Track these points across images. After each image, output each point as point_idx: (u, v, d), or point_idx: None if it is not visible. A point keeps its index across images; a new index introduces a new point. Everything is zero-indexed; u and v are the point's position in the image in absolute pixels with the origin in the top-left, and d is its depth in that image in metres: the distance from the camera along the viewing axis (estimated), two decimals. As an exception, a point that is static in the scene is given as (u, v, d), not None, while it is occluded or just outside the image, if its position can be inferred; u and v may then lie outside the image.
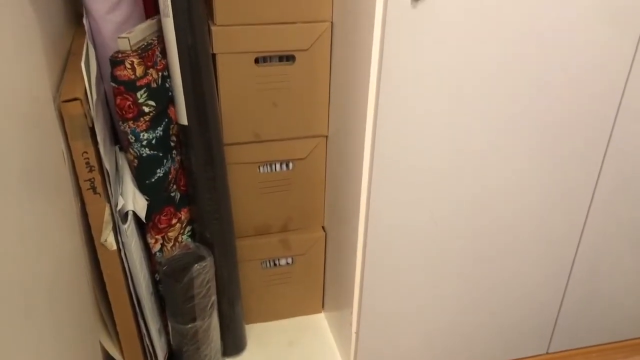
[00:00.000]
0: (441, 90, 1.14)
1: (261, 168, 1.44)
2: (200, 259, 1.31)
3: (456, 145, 1.20)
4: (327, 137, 1.45)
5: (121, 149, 1.30)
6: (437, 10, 1.06)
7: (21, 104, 0.78)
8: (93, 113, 1.05)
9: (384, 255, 1.28)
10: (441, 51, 1.10)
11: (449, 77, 1.13)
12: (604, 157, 1.30)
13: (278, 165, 1.45)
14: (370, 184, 1.21)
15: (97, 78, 1.15)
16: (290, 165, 1.46)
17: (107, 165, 1.11)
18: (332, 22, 1.31)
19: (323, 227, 1.55)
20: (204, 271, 1.30)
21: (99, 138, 1.08)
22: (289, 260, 1.55)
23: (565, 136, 1.25)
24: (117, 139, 1.32)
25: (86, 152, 1.05)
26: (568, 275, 1.44)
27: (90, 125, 1.05)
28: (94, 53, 1.17)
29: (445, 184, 1.24)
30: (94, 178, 1.08)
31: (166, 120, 1.26)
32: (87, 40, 1.15)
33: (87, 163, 1.06)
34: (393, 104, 1.13)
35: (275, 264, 1.55)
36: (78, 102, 1.01)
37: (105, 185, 1.12)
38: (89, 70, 1.08)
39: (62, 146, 1.03)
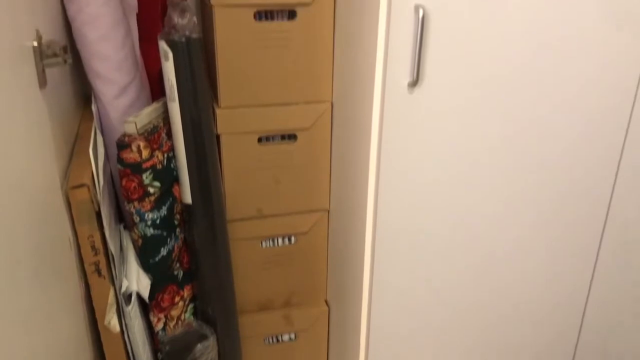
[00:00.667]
0: (440, 166, 1.17)
1: (264, 243, 1.45)
2: (203, 338, 1.30)
3: (457, 217, 1.22)
4: (328, 211, 1.47)
5: (125, 227, 1.31)
6: (433, 95, 1.10)
7: (30, 191, 0.80)
8: (100, 198, 1.07)
9: (389, 331, 1.27)
10: (438, 131, 1.13)
11: (448, 155, 1.16)
12: (605, 222, 1.31)
13: (280, 240, 1.47)
14: (374, 258, 1.22)
15: (104, 160, 1.18)
16: (293, 239, 1.47)
17: (112, 247, 1.12)
18: (332, 103, 1.36)
19: (326, 301, 1.55)
20: (207, 351, 1.29)
21: (104, 222, 1.09)
22: (292, 336, 1.54)
23: (565, 205, 1.27)
24: (122, 217, 1.33)
25: (92, 236, 1.07)
26: (576, 340, 1.42)
27: (97, 209, 1.07)
28: (101, 140, 1.21)
29: (447, 253, 1.25)
30: (99, 261, 1.09)
31: (171, 199, 1.28)
32: (95, 125, 1.19)
33: (93, 247, 1.08)
34: (393, 180, 1.16)
35: (278, 340, 1.53)
36: (85, 188, 1.03)
37: (110, 268, 1.12)
38: (96, 157, 1.11)
39: (69, 231, 1.04)
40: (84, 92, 1.42)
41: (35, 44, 0.86)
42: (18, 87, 0.78)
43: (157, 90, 1.39)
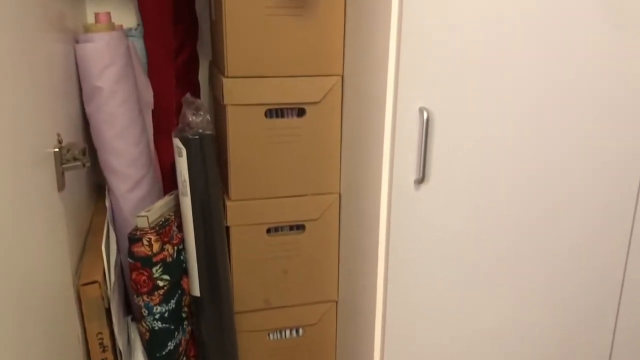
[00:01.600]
0: (447, 260, 1.17)
1: (271, 335, 1.44)
2: None
3: (465, 310, 1.21)
4: (337, 302, 1.46)
5: (133, 319, 1.31)
6: (439, 191, 1.12)
7: (43, 288, 0.81)
8: (110, 294, 1.08)
9: None
10: (445, 226, 1.15)
11: (455, 250, 1.17)
12: (617, 315, 1.30)
13: (288, 332, 1.45)
14: (383, 350, 1.20)
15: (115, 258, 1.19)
16: (301, 331, 1.46)
17: (121, 344, 1.11)
18: (339, 194, 1.38)
19: (334, 395, 1.51)
20: None
21: (114, 318, 1.09)
22: None
23: (574, 298, 1.26)
24: (130, 308, 1.33)
25: (101, 333, 1.07)
26: None
27: (107, 306, 1.07)
28: (114, 237, 1.23)
29: (458, 347, 1.23)
30: (106, 358, 1.08)
31: (179, 292, 1.28)
32: (108, 221, 1.21)
33: (101, 344, 1.07)
34: (402, 272, 1.16)
35: None
36: (97, 284, 1.04)
37: (117, 365, 1.11)
38: (108, 253, 1.12)
39: (78, 327, 1.04)
40: (97, 182, 1.46)
41: (57, 149, 0.89)
42: (38, 192, 0.80)
43: (169, 182, 1.42)
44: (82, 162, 0.92)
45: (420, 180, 1.10)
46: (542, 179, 1.16)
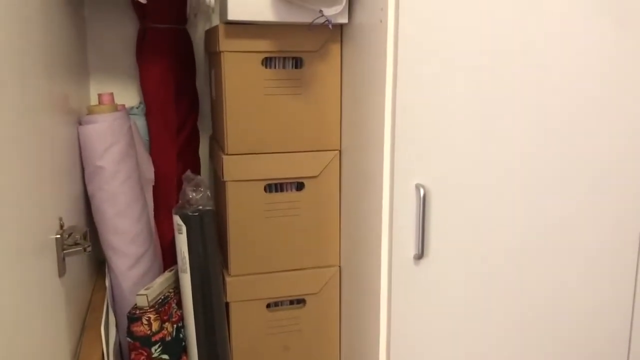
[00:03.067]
0: (448, 334, 1.16)
1: (272, 413, 1.40)
2: None
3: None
4: (339, 377, 1.43)
5: (131, 401, 1.28)
6: (439, 266, 1.12)
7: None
8: (108, 378, 1.06)
9: None
10: (445, 299, 1.14)
11: (456, 322, 1.16)
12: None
13: (290, 410, 1.42)
14: None
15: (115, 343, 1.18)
16: (303, 408, 1.42)
17: None
18: (340, 267, 1.38)
19: None
20: None
21: (111, 403, 1.07)
22: None
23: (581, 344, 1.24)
24: (128, 389, 1.30)
25: (97, 419, 1.04)
26: None
27: (105, 390, 1.05)
28: (114, 320, 1.22)
29: None
30: None
31: (178, 371, 1.26)
32: (107, 302, 1.21)
33: None
34: (404, 346, 1.14)
35: None
36: (95, 370, 1.02)
37: None
38: (107, 334, 1.11)
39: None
40: (97, 259, 1.46)
41: (58, 235, 0.90)
42: (38, 279, 0.81)
43: (170, 256, 1.43)
44: (83, 246, 0.93)
45: (420, 255, 1.10)
46: (543, 248, 1.17)
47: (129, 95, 1.52)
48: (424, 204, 1.07)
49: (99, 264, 1.46)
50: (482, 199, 1.12)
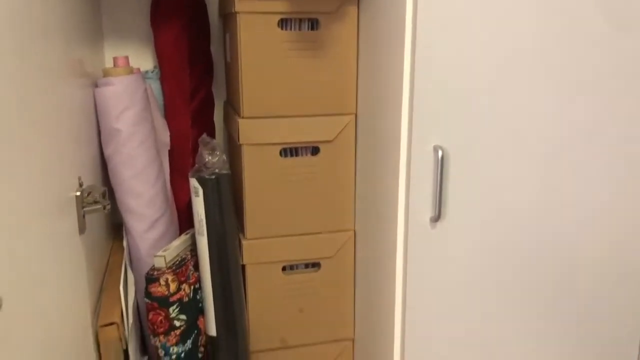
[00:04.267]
0: (464, 298, 1.16)
1: (287, 374, 1.43)
2: None
3: (484, 349, 1.20)
4: (353, 340, 1.45)
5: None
6: (455, 228, 1.12)
7: (64, 330, 0.81)
8: (127, 335, 1.08)
9: None
10: (462, 263, 1.15)
11: (471, 287, 1.16)
12: None
13: (305, 371, 1.44)
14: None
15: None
16: (317, 370, 1.44)
17: (137, 386, 1.11)
18: (354, 232, 1.39)
19: None
20: None
21: (131, 359, 1.09)
22: None
23: (597, 330, 1.25)
24: (146, 348, 1.33)
25: (118, 376, 1.06)
26: None
27: (124, 347, 1.07)
28: (132, 278, 1.23)
29: None
30: (123, 401, 1.07)
31: (195, 332, 1.28)
32: (125, 262, 1.22)
33: (118, 386, 1.07)
34: (419, 310, 1.15)
35: None
36: (115, 326, 1.04)
37: (134, 407, 1.11)
38: (126, 294, 1.13)
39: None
40: (114, 222, 1.47)
41: (78, 193, 0.91)
42: (61, 236, 0.82)
43: (185, 221, 1.43)
44: (102, 205, 0.93)
45: (436, 218, 1.10)
46: (560, 211, 1.16)
47: (143, 60, 1.51)
48: (441, 165, 1.07)
49: (116, 228, 1.48)
50: (500, 161, 1.11)
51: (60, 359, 0.78)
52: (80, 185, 0.95)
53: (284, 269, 1.38)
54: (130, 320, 1.11)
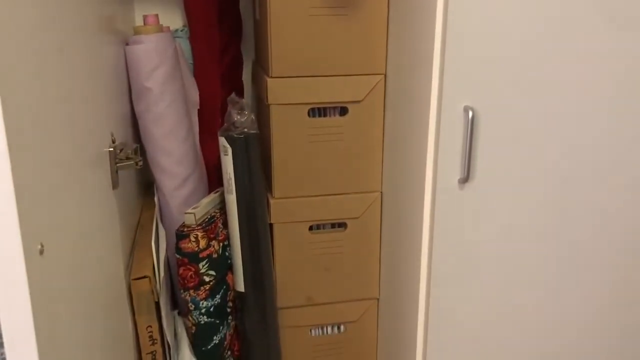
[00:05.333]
0: (492, 261, 1.17)
1: (313, 331, 1.46)
2: None
3: (511, 313, 1.20)
4: (378, 299, 1.47)
5: (179, 314, 1.34)
6: (484, 191, 1.12)
7: (102, 280, 0.84)
8: (159, 289, 1.12)
9: None
10: (489, 226, 1.14)
11: (499, 250, 1.16)
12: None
13: (329, 329, 1.47)
14: (426, 348, 1.20)
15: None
16: (342, 328, 1.47)
17: (169, 337, 1.15)
18: (381, 193, 1.39)
19: (375, 392, 1.52)
20: None
21: (162, 312, 1.13)
22: None
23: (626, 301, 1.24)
24: (176, 303, 1.37)
25: (150, 326, 1.10)
26: None
27: (156, 300, 1.11)
28: (163, 233, 1.26)
29: (502, 345, 1.22)
30: (155, 351, 1.12)
31: (224, 287, 1.31)
32: (157, 218, 1.25)
33: (151, 336, 1.11)
34: (445, 271, 1.16)
35: None
36: (147, 279, 1.08)
37: (166, 357, 1.15)
38: (157, 249, 1.16)
39: (129, 320, 1.08)
40: (144, 180, 1.50)
41: (111, 148, 0.93)
42: (95, 190, 0.84)
43: (214, 180, 1.46)
44: (134, 161, 0.95)
45: (465, 179, 1.10)
46: (594, 175, 1.15)
47: (172, 18, 1.51)
48: (471, 126, 1.06)
49: (147, 186, 1.51)
50: (531, 122, 1.09)
51: (95, 309, 0.81)
52: (113, 141, 0.97)
53: (310, 228, 1.39)
54: (162, 274, 1.15)
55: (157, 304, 1.12)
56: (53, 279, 0.58)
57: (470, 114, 1.05)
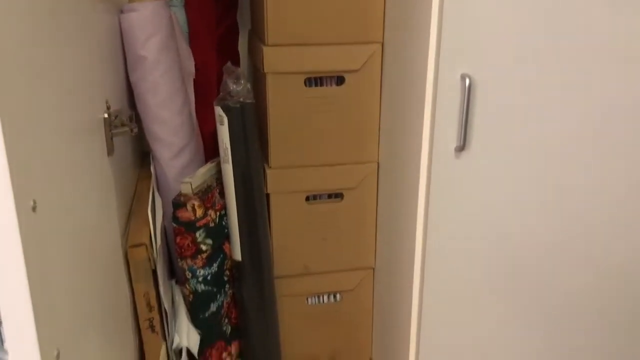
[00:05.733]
0: (487, 229, 1.17)
1: (309, 300, 1.47)
2: (249, 395, 1.31)
3: (505, 281, 1.22)
4: (374, 269, 1.48)
5: (177, 283, 1.35)
6: (480, 159, 1.12)
7: (98, 248, 0.85)
8: (156, 256, 1.12)
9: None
10: (485, 194, 1.15)
11: (494, 218, 1.17)
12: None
13: (326, 297, 1.48)
14: (420, 317, 1.22)
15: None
16: (338, 296, 1.49)
17: (166, 304, 1.16)
18: (378, 163, 1.39)
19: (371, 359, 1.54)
20: (253, 408, 1.30)
21: (159, 280, 1.14)
22: (337, 394, 1.53)
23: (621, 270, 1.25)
24: (173, 272, 1.38)
25: (147, 294, 1.11)
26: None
27: (153, 267, 1.12)
28: (160, 202, 1.27)
29: (495, 314, 1.24)
30: (153, 318, 1.13)
31: (221, 256, 1.32)
32: (153, 186, 1.25)
33: (148, 304, 1.12)
34: (440, 240, 1.17)
35: (322, 398, 1.53)
36: (144, 247, 1.08)
37: (163, 324, 1.16)
38: (154, 217, 1.16)
39: (126, 288, 1.09)
40: (140, 150, 1.49)
41: (106, 115, 0.92)
42: (90, 156, 0.84)
43: (210, 150, 1.45)
44: (130, 127, 0.95)
45: (461, 148, 1.09)
46: (592, 144, 1.15)
47: (167, -14, 1.49)
48: (468, 94, 1.05)
49: (143, 156, 1.50)
50: (528, 91, 1.09)
51: (92, 275, 0.82)
52: (108, 107, 0.97)
53: (307, 198, 1.40)
54: (159, 243, 1.15)
55: (154, 272, 1.13)
56: (47, 238, 0.59)
57: (467, 81, 1.05)
